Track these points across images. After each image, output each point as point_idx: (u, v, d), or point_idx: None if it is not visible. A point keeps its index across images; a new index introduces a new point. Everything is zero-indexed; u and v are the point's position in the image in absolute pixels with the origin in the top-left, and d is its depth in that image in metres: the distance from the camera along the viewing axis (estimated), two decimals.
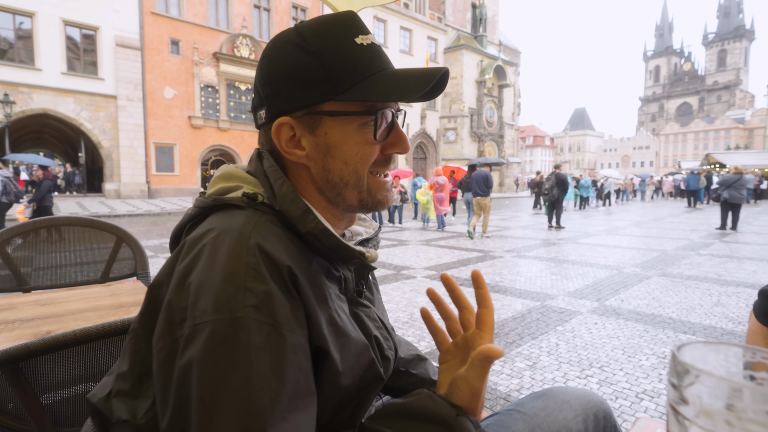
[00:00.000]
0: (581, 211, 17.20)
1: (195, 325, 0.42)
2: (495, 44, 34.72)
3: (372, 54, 0.54)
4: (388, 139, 0.57)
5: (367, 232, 0.71)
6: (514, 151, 35.66)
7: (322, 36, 0.53)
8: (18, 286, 1.70)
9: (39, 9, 16.17)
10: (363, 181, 0.56)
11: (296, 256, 0.49)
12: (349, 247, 0.54)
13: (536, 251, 6.96)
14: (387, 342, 0.64)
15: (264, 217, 0.51)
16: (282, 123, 0.54)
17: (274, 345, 0.42)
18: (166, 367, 0.43)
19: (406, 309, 3.74)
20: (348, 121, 0.54)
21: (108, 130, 17.84)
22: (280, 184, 0.53)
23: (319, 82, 0.52)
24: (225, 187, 0.56)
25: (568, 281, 4.81)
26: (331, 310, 0.52)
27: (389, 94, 0.51)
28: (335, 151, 0.54)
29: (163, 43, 19.08)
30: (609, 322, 3.39)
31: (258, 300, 0.43)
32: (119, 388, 0.49)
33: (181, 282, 0.45)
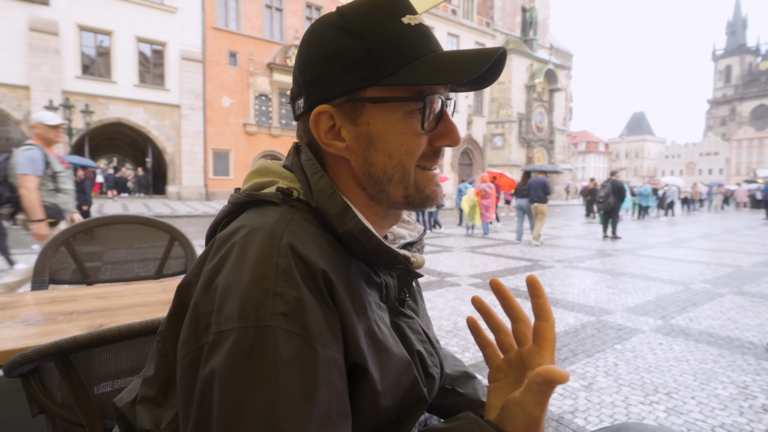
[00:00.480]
0: (640, 221, 16.05)
1: (219, 332, 0.38)
2: (546, 48, 33.55)
3: (420, 35, 0.49)
4: (436, 130, 0.50)
5: (411, 235, 0.65)
6: (565, 157, 34.13)
7: (366, 16, 0.48)
8: (82, 279, 1.81)
9: (117, 28, 17.80)
10: (409, 175, 0.50)
11: (333, 259, 0.44)
12: (392, 250, 0.48)
13: (590, 262, 6.54)
14: (432, 358, 0.57)
15: (299, 215, 0.47)
16: (321, 111, 0.49)
17: (304, 359, 0.38)
18: (189, 376, 0.39)
19: (450, 317, 3.63)
20: (392, 108, 0.48)
21: (172, 136, 19.20)
22: (317, 178, 0.48)
23: (362, 66, 0.47)
24: (260, 182, 0.52)
25: (627, 296, 4.46)
26: (371, 321, 0.46)
27: (439, 76, 0.45)
28: (378, 143, 0.49)
29: (222, 56, 20.28)
30: (676, 343, 3.08)
31: (288, 307, 0.38)
32: (144, 393, 0.47)
33: (208, 283, 0.41)
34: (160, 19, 18.72)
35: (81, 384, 0.87)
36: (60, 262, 1.74)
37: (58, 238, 1.70)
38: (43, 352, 0.80)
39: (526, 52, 30.38)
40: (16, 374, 0.85)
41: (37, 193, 3.08)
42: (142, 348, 0.94)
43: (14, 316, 1.21)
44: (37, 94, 15.86)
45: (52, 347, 0.79)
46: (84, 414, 0.87)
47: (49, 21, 16.29)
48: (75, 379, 0.86)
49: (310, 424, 0.36)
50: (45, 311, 1.28)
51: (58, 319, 1.20)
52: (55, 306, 1.32)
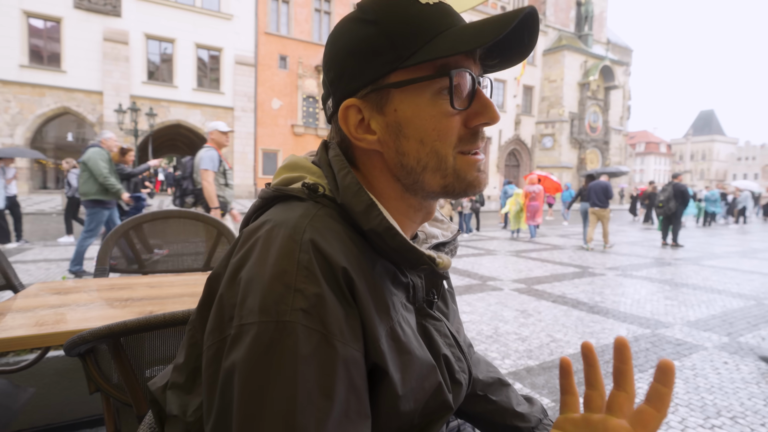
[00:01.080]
0: (706, 228, 14.77)
1: (241, 325, 0.38)
2: (602, 43, 31.79)
3: (440, 12, 0.46)
4: (471, 108, 0.48)
5: (444, 235, 0.62)
6: (621, 159, 32.16)
7: (382, 3, 0.47)
8: (139, 269, 1.95)
9: (178, 36, 19.04)
10: (446, 162, 0.47)
11: (355, 257, 0.44)
12: (416, 249, 0.46)
13: (646, 271, 6.11)
14: (459, 363, 0.55)
15: (323, 211, 0.46)
16: (348, 105, 0.48)
17: (323, 357, 0.37)
18: (213, 367, 0.40)
19: (491, 322, 3.53)
20: (419, 91, 0.46)
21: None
22: (343, 174, 0.47)
23: (382, 52, 0.45)
24: (289, 177, 0.52)
25: (688, 309, 4.11)
26: (393, 322, 0.45)
27: (460, 44, 0.43)
28: (408, 129, 0.47)
29: (273, 59, 21.08)
30: (744, 364, 2.80)
31: (309, 304, 0.38)
32: (174, 380, 0.48)
33: (233, 276, 0.42)
34: (217, 25, 19.78)
35: (130, 366, 0.93)
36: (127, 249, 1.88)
37: (118, 230, 1.84)
38: (96, 334, 0.86)
39: (579, 48, 28.96)
40: (74, 353, 0.92)
41: (214, 186, 3.74)
42: (182, 336, 0.99)
43: (77, 301, 1.32)
44: (108, 99, 17.34)
45: (104, 330, 0.85)
46: (132, 394, 0.93)
47: (121, 31, 17.74)
48: (124, 360, 0.92)
49: (327, 421, 0.36)
50: (104, 297, 1.39)
51: (115, 304, 1.30)
52: (113, 292, 1.42)
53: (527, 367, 2.67)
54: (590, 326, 3.49)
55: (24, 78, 16.30)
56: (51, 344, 1.09)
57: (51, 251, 6.35)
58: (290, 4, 21.48)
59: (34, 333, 1.06)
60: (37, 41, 16.79)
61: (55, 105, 16.86)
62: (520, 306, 4.06)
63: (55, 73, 16.83)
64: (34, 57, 16.70)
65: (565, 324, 3.53)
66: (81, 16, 17.13)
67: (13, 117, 16.29)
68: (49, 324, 1.12)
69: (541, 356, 2.84)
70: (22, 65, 16.26)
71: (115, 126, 16.56)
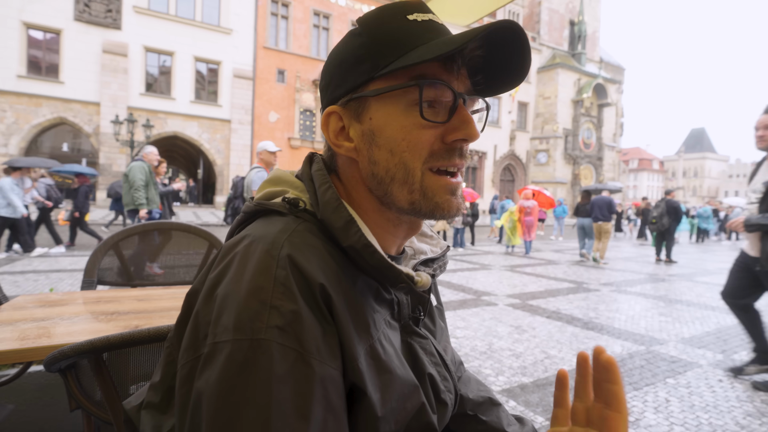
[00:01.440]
0: (699, 244, 14.88)
1: (215, 343, 0.37)
2: (595, 61, 32.44)
3: (425, 28, 0.47)
4: (449, 123, 0.46)
5: (433, 251, 0.61)
6: (614, 174, 32.50)
7: (373, 17, 0.49)
8: (127, 282, 1.92)
9: (178, 49, 19.20)
10: (413, 176, 0.46)
11: (334, 273, 0.43)
12: (394, 267, 0.45)
13: (640, 287, 6.11)
14: (445, 382, 0.54)
15: (303, 226, 0.45)
16: (330, 112, 0.50)
17: (299, 376, 0.36)
18: (186, 386, 0.39)
19: (485, 338, 3.50)
20: (394, 100, 0.46)
21: (222, 149, 20.27)
22: (324, 189, 0.47)
23: (362, 61, 0.46)
24: (271, 191, 0.52)
25: (682, 325, 4.11)
26: (374, 340, 0.44)
27: (425, 54, 0.43)
28: (380, 138, 0.47)
29: (271, 73, 21.28)
30: (739, 382, 2.78)
31: (284, 321, 0.37)
32: (150, 399, 0.46)
33: (210, 292, 0.41)
34: (217, 39, 19.99)
35: (112, 382, 0.91)
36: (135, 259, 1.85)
37: (108, 241, 1.82)
38: (78, 350, 0.84)
39: (573, 66, 29.52)
40: (55, 369, 0.89)
41: None
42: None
43: (63, 314, 1.30)
44: (105, 110, 17.36)
45: (86, 345, 0.83)
46: (113, 412, 0.90)
47: (120, 43, 17.87)
48: (106, 377, 0.89)
49: None
50: (90, 310, 1.36)
51: (101, 318, 1.27)
52: (99, 306, 1.40)
53: (521, 384, 2.64)
54: (585, 342, 3.47)
55: (21, 88, 16.30)
56: (32, 359, 1.07)
57: (40, 262, 6.26)
58: (289, 20, 21.80)
59: (15, 347, 1.03)
60: (36, 52, 16.86)
61: (52, 115, 16.85)
62: (515, 321, 4.03)
63: (53, 83, 16.86)
64: (32, 67, 16.74)
65: (559, 340, 3.51)
66: (81, 28, 17.26)
67: (8, 127, 16.24)
68: (31, 338, 1.09)
69: (535, 373, 2.81)
70: (20, 75, 16.27)
71: (111, 137, 16.54)
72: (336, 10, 22.90)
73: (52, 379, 1.76)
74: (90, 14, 17.32)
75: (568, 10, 31.04)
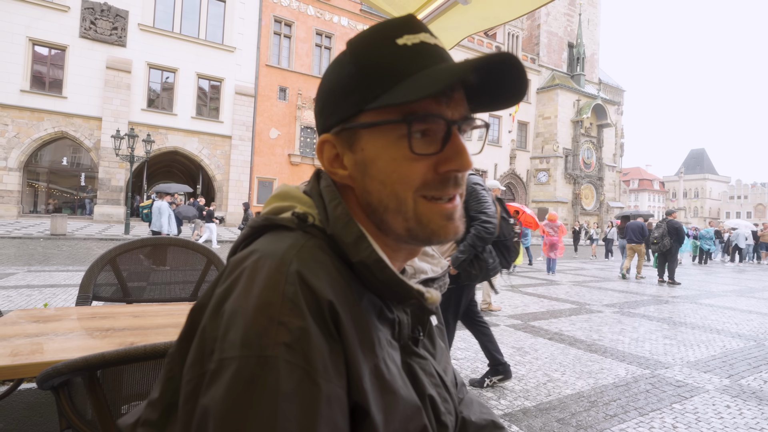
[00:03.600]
0: (702, 266, 14.83)
1: (222, 359, 0.37)
2: (594, 83, 33.06)
3: (415, 54, 0.46)
4: (442, 153, 0.46)
5: (434, 270, 0.61)
6: (615, 194, 32.70)
7: (361, 43, 0.48)
8: (123, 297, 1.88)
9: (181, 66, 19.51)
10: (406, 205, 0.46)
11: (342, 290, 0.42)
12: (405, 283, 0.45)
13: (643, 308, 6.05)
14: (445, 404, 0.53)
15: (312, 242, 0.45)
16: (323, 140, 0.50)
17: (305, 394, 0.36)
18: (190, 403, 0.38)
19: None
20: (384, 133, 0.46)
21: (221, 165, 20.35)
22: (334, 205, 0.47)
23: (352, 92, 0.46)
24: (279, 206, 0.51)
25: (687, 349, 4.04)
26: (378, 359, 0.43)
27: (412, 92, 0.42)
28: (372, 169, 0.47)
29: (273, 91, 21.58)
30: (747, 408, 2.71)
31: (292, 338, 0.37)
32: (147, 417, 0.45)
33: (217, 308, 0.40)
34: (220, 57, 20.33)
35: (105, 401, 0.87)
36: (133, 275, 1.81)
37: (105, 256, 1.79)
38: (72, 366, 0.80)
39: (572, 87, 30.03)
40: (47, 387, 0.85)
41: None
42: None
43: (57, 330, 1.26)
44: (107, 125, 17.48)
45: (81, 362, 0.80)
46: (104, 430, 0.86)
47: (124, 60, 18.15)
48: (99, 395, 0.86)
49: None
50: (85, 326, 1.32)
51: (95, 334, 1.23)
52: (94, 322, 1.36)
53: (524, 408, 2.57)
54: (588, 366, 3.40)
55: (24, 102, 16.46)
56: (24, 376, 1.03)
57: (34, 277, 6.19)
58: (292, 39, 22.24)
59: (6, 364, 1.00)
60: (40, 67, 17.10)
61: (53, 129, 16.96)
62: (516, 343, 3.96)
63: (56, 98, 17.02)
64: (36, 82, 16.95)
65: (562, 363, 3.44)
66: (86, 45, 17.55)
67: (9, 140, 16.32)
68: (23, 354, 1.05)
69: (538, 397, 2.74)
70: (23, 90, 16.46)
71: (112, 151, 16.62)
72: (338, 30, 23.41)
73: (42, 398, 1.70)
74: (96, 31, 17.64)
75: (567, 33, 31.78)
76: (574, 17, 31.93)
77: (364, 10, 23.85)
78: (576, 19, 31.86)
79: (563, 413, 2.50)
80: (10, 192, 16.55)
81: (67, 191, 20.68)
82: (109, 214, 18.02)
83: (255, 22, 21.10)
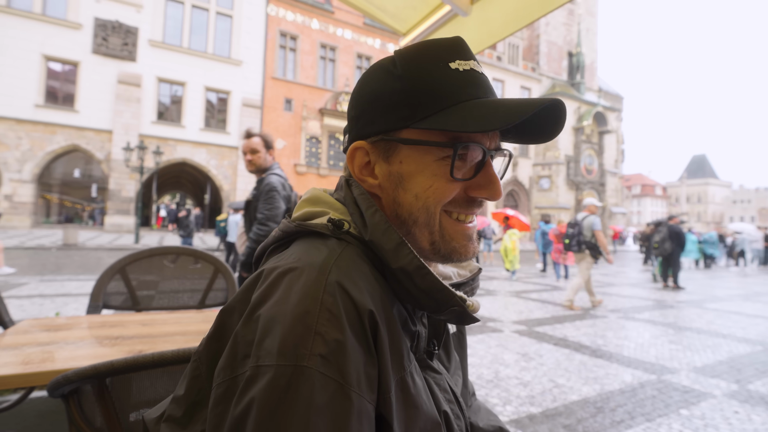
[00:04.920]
0: (706, 270, 14.65)
1: (258, 366, 0.37)
2: (594, 90, 33.06)
3: (466, 80, 0.47)
4: (474, 180, 0.48)
5: (461, 274, 0.59)
6: (617, 200, 32.45)
7: (413, 59, 0.48)
8: (132, 306, 1.93)
9: (189, 79, 19.87)
10: (434, 220, 0.48)
11: (381, 299, 0.42)
12: (448, 289, 0.45)
13: (648, 313, 5.99)
14: (458, 421, 0.52)
15: (349, 250, 0.45)
16: (357, 147, 0.50)
17: (338, 408, 0.36)
18: (222, 406, 0.38)
19: (491, 366, 3.42)
20: (426, 151, 0.47)
21: (229, 175, 20.57)
22: (372, 212, 0.47)
23: (399, 107, 0.47)
24: (311, 211, 0.51)
25: (694, 354, 4.00)
26: (405, 372, 0.43)
27: (468, 124, 0.43)
28: (408, 183, 0.48)
29: (278, 102, 21.85)
30: (756, 413, 2.69)
31: (328, 350, 0.37)
32: (171, 412, 0.46)
33: (252, 313, 0.40)
34: (227, 70, 20.68)
35: (114, 409, 0.90)
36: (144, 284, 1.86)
37: (114, 266, 1.84)
38: (82, 374, 0.84)
39: (572, 95, 30.06)
40: (57, 394, 0.89)
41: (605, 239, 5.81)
42: (180, 377, 0.96)
43: (67, 338, 1.30)
44: (117, 137, 17.81)
45: (90, 370, 0.83)
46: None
47: (135, 74, 18.52)
48: (108, 403, 0.89)
49: None
50: (95, 334, 1.37)
51: (105, 342, 1.27)
52: (104, 330, 1.40)
53: (529, 414, 2.56)
54: (594, 371, 3.39)
55: (38, 117, 16.83)
56: (35, 384, 1.06)
57: (47, 286, 6.28)
58: (297, 52, 22.56)
59: (18, 372, 1.03)
60: (53, 83, 17.49)
61: (66, 142, 17.29)
62: (521, 349, 3.95)
63: (68, 112, 17.39)
64: (50, 97, 17.33)
65: (567, 368, 3.42)
66: (98, 60, 17.95)
67: (24, 153, 16.66)
68: (35, 362, 1.09)
69: (543, 403, 2.73)
70: (38, 105, 16.83)
71: (122, 163, 16.89)
72: (342, 43, 23.72)
73: (53, 406, 1.75)
74: (107, 47, 18.05)
75: (566, 42, 31.89)
76: (573, 26, 32.07)
77: (368, 23, 24.15)
78: (575, 29, 32.01)
79: (569, 419, 2.50)
80: (24, 203, 16.84)
81: (78, 202, 20.98)
82: (120, 224, 18.26)
83: (261, 36, 21.46)
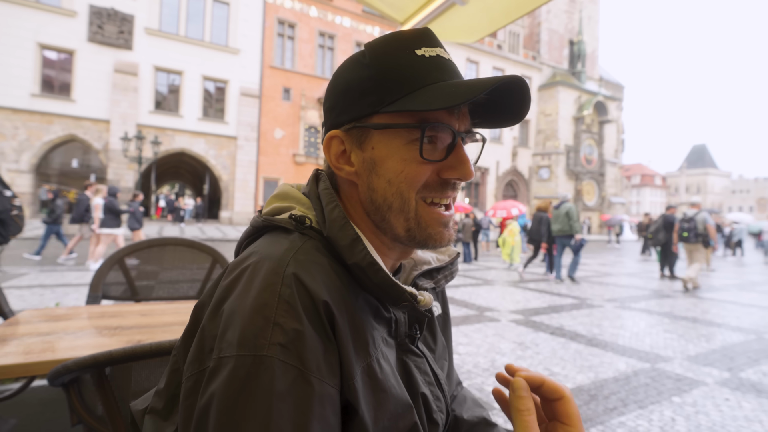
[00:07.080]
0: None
1: (220, 358, 0.39)
2: (595, 80, 32.81)
3: (432, 65, 0.48)
4: (446, 161, 0.49)
5: (439, 259, 0.61)
6: (617, 190, 32.45)
7: (381, 48, 0.50)
8: (132, 296, 1.95)
9: (187, 68, 19.66)
10: (409, 205, 0.49)
11: (338, 291, 0.44)
12: (398, 286, 0.47)
13: (644, 303, 6.05)
14: (437, 402, 0.54)
15: (309, 243, 0.47)
16: (332, 136, 0.51)
17: (299, 394, 0.37)
18: (191, 399, 0.40)
19: (488, 355, 3.47)
20: (396, 135, 0.48)
21: (227, 165, 20.51)
22: (331, 208, 0.49)
23: (368, 94, 0.48)
24: (278, 207, 0.53)
25: (687, 342, 4.05)
26: (371, 359, 0.45)
27: (431, 102, 0.44)
28: (380, 168, 0.49)
29: (277, 91, 21.68)
30: (747, 401, 2.74)
31: (287, 338, 0.38)
32: (153, 405, 0.48)
33: (216, 307, 0.42)
34: (224, 59, 20.47)
35: (113, 397, 0.92)
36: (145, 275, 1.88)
37: (114, 256, 1.86)
38: (81, 364, 0.86)
39: (573, 84, 29.83)
40: (58, 383, 0.91)
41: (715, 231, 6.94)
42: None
43: (67, 328, 1.32)
44: (115, 127, 17.69)
45: (89, 360, 0.85)
46: (114, 427, 0.92)
47: (131, 63, 18.33)
48: (108, 392, 0.91)
49: None
50: (94, 324, 1.39)
51: (104, 332, 1.29)
52: (103, 320, 1.42)
53: None
54: (589, 359, 3.44)
55: (34, 106, 16.69)
56: (36, 373, 1.08)
57: (47, 276, 6.31)
58: (295, 40, 22.31)
59: (19, 361, 1.05)
60: (49, 72, 17.30)
61: (63, 132, 17.18)
62: (518, 338, 4.00)
63: (65, 101, 17.24)
64: (46, 86, 17.16)
65: (563, 357, 3.47)
66: (94, 48, 17.74)
67: (21, 143, 16.56)
68: (35, 352, 1.11)
69: None
70: (33, 94, 16.68)
71: (120, 153, 16.82)
72: (340, 31, 23.44)
73: (55, 394, 1.78)
74: (103, 35, 17.82)
75: (567, 30, 31.55)
76: (575, 14, 31.70)
77: (366, 11, 23.85)
78: (576, 16, 31.64)
79: None
80: (23, 194, 16.80)
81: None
82: None
83: (259, 23, 21.19)
